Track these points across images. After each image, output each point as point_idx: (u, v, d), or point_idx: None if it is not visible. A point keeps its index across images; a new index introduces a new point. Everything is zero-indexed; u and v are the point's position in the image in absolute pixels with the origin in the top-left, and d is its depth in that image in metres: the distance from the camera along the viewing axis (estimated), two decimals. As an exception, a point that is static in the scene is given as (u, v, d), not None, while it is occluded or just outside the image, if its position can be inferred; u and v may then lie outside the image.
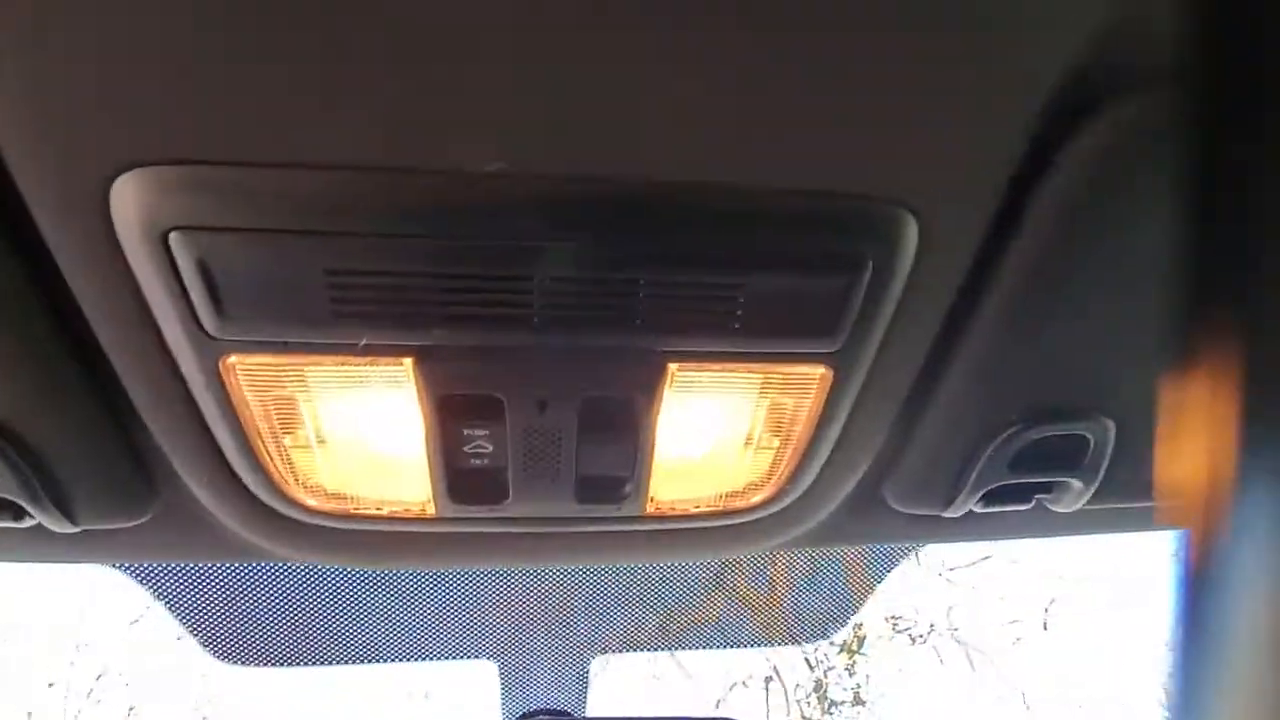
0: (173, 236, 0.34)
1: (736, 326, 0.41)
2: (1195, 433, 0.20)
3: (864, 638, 4.48)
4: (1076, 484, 0.55)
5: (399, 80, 0.31)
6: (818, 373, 0.45)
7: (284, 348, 0.40)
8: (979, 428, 0.51)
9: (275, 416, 0.44)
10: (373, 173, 0.34)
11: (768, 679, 5.78)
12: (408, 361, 0.41)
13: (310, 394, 0.44)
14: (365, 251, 0.35)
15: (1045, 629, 5.69)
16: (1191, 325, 0.21)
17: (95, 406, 0.45)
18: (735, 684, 5.81)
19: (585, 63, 0.31)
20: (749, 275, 0.39)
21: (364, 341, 0.40)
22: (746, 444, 0.50)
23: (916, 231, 0.39)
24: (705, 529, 0.56)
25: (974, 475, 0.53)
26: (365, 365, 0.42)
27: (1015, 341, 0.46)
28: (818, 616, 0.92)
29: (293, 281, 0.36)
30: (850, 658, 5.71)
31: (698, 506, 0.54)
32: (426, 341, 0.40)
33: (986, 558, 5.64)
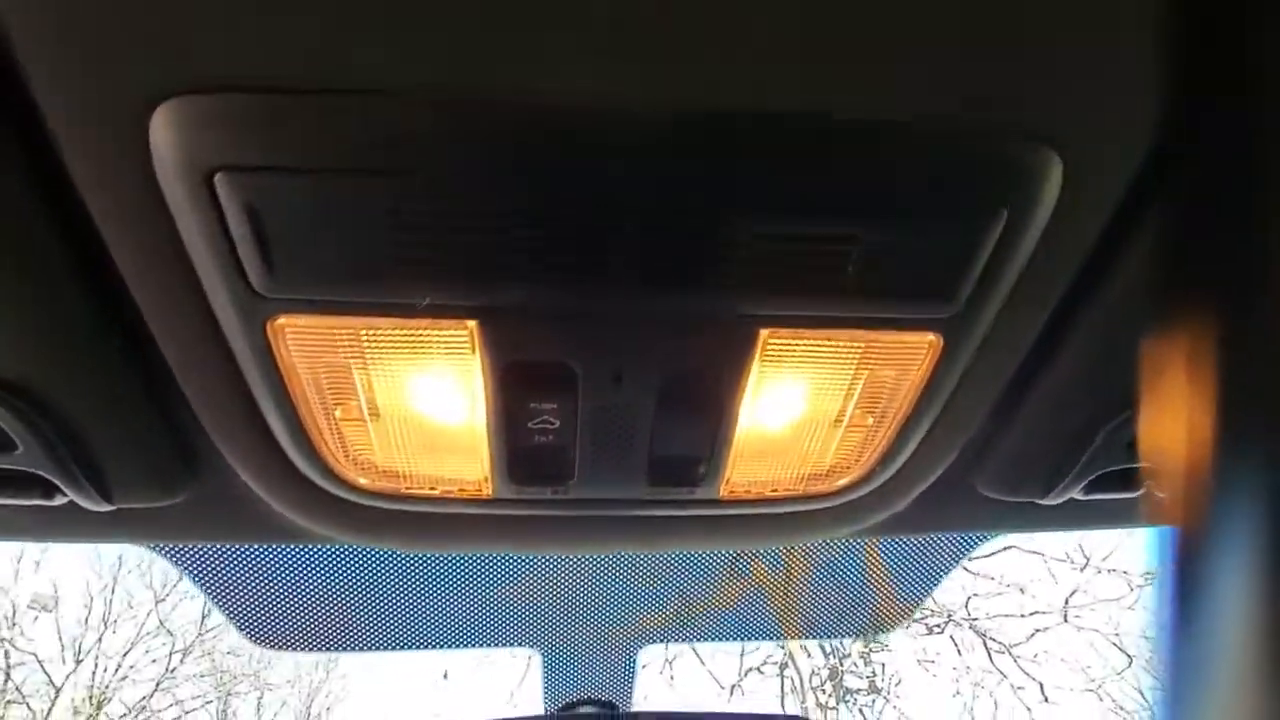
0: (219, 178, 0.30)
1: (843, 287, 0.36)
2: (1175, 428, 0.19)
3: (882, 626, 4.45)
4: None
5: None
6: (927, 340, 0.40)
7: (338, 307, 0.36)
8: (1097, 406, 0.46)
9: (326, 386, 0.41)
10: (445, 102, 0.30)
11: (782, 665, 5.79)
12: (471, 324, 0.37)
13: (364, 361, 0.40)
14: (431, 195, 0.31)
15: (1065, 620, 5.64)
16: (1170, 311, 0.20)
17: (130, 374, 0.41)
18: (750, 669, 5.83)
19: None
20: (863, 225, 0.34)
21: (426, 300, 0.35)
22: (837, 422, 0.46)
23: (1061, 177, 0.34)
24: (780, 514, 0.52)
25: (1085, 458, 0.49)
26: (425, 329, 0.38)
27: (1149, 309, 0.41)
28: (885, 608, 0.89)
29: (351, 229, 0.32)
30: (866, 646, 5.70)
31: (775, 490, 0.50)
32: (493, 302, 0.36)
33: (1007, 548, 5.58)
